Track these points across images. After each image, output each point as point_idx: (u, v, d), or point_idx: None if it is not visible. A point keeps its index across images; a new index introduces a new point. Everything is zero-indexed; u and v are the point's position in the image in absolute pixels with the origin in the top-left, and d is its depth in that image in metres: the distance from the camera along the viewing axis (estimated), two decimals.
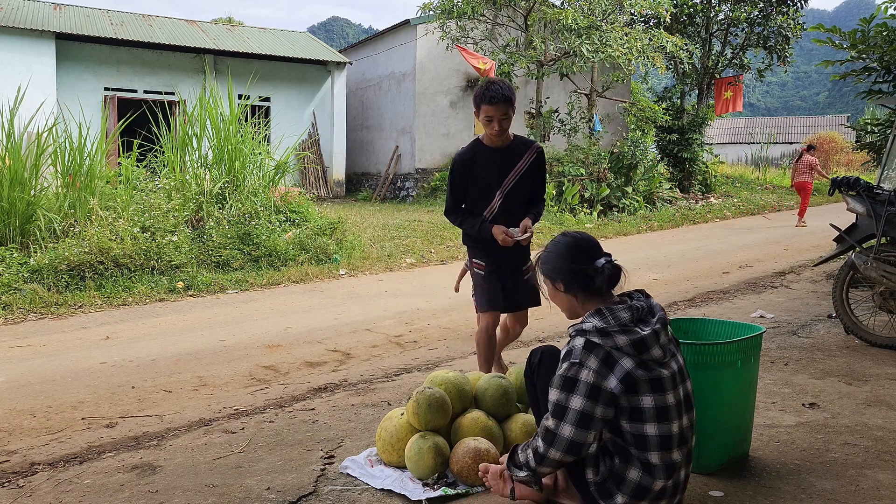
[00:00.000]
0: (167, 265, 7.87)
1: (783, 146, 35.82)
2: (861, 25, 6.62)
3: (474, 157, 3.77)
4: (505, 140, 3.73)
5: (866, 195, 4.92)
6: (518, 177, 3.75)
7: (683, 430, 2.24)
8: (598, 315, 2.23)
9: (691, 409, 2.31)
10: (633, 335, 2.17)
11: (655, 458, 2.18)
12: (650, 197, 15.32)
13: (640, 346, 2.17)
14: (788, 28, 19.28)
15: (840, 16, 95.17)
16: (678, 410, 2.22)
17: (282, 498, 2.66)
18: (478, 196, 3.79)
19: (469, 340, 5.45)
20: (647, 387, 2.16)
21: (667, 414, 2.18)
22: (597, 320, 2.22)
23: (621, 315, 2.21)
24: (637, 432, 2.18)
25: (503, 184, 3.74)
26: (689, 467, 2.33)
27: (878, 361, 4.49)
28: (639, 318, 2.24)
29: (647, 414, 2.17)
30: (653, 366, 2.19)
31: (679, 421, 2.22)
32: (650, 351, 2.19)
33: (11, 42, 15.22)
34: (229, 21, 30.48)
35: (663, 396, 2.18)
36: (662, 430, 2.17)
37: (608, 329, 2.18)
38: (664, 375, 2.20)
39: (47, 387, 4.49)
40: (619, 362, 2.16)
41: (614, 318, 2.21)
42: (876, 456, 2.98)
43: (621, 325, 2.19)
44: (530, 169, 3.78)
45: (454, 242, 10.87)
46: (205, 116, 9.83)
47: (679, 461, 2.23)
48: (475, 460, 2.65)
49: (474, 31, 15.99)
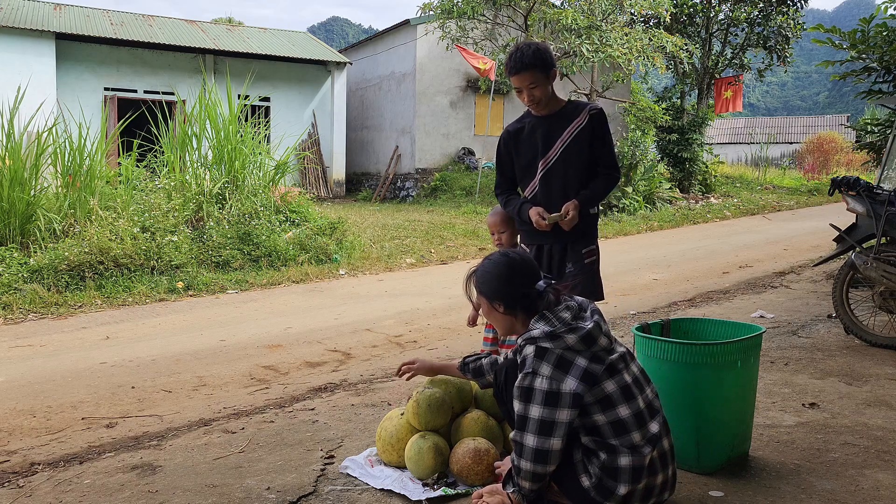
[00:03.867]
0: (167, 265, 7.87)
1: (783, 146, 35.82)
2: (861, 25, 6.61)
3: (521, 127, 3.38)
4: (553, 107, 3.30)
5: (866, 195, 4.91)
6: (564, 146, 3.26)
7: (651, 401, 2.33)
8: (544, 320, 2.28)
9: (649, 380, 2.40)
10: (579, 331, 2.22)
11: (637, 436, 2.23)
12: (650, 197, 15.31)
13: (588, 340, 2.22)
14: (788, 28, 19.29)
15: (840, 16, 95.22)
16: (638, 385, 2.30)
17: (282, 498, 2.66)
18: (523, 172, 3.40)
19: (470, 340, 5.44)
20: (606, 374, 2.22)
21: (630, 391, 2.25)
22: (543, 325, 2.26)
23: (564, 315, 2.27)
24: (613, 420, 2.22)
25: (546, 156, 3.29)
26: (670, 437, 2.38)
27: (878, 361, 4.49)
28: (576, 315, 2.30)
29: (616, 397, 2.22)
30: (603, 355, 2.24)
31: (643, 394, 2.30)
32: (597, 342, 2.24)
33: (11, 42, 15.22)
34: (229, 21, 30.47)
35: (622, 377, 2.25)
36: (633, 408, 2.24)
37: (556, 332, 2.22)
38: (615, 359, 2.26)
39: (47, 387, 4.49)
40: (574, 362, 2.20)
41: (558, 319, 2.26)
42: (876, 456, 2.97)
43: (566, 324, 2.24)
44: (581, 137, 3.25)
45: (454, 242, 10.87)
46: (204, 116, 9.83)
47: (658, 431, 2.28)
48: (475, 460, 2.65)
49: (474, 31, 15.99)
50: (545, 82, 3.21)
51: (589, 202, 3.29)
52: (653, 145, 17.38)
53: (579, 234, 3.32)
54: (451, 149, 19.26)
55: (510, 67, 3.19)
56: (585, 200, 3.26)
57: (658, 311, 6.44)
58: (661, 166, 16.88)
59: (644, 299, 6.99)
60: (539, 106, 3.28)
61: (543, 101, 3.26)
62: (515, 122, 3.46)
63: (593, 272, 3.37)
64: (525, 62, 3.14)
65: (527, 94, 3.23)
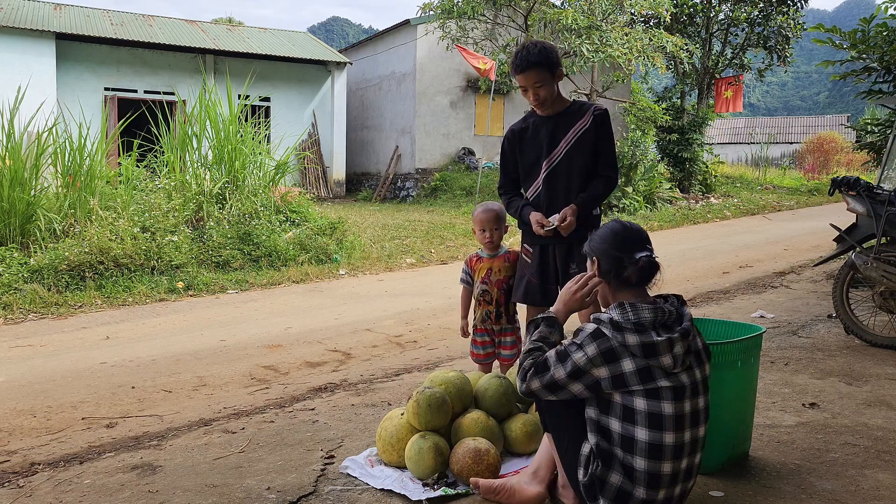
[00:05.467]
0: (167, 265, 7.87)
1: (783, 146, 35.81)
2: (861, 25, 6.61)
3: (525, 127, 3.37)
4: (558, 106, 3.29)
5: (866, 195, 4.91)
6: (568, 147, 3.25)
7: (683, 445, 2.15)
8: (619, 308, 2.20)
9: (698, 425, 2.21)
10: (645, 337, 2.12)
11: (640, 463, 2.13)
12: (650, 197, 15.30)
13: (648, 350, 2.12)
14: (788, 28, 19.29)
15: (840, 16, 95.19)
16: (677, 423, 2.14)
17: (282, 498, 2.66)
18: (526, 172, 3.38)
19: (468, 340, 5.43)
20: (642, 392, 2.13)
21: (660, 423, 2.12)
22: (615, 313, 2.19)
23: (643, 314, 2.16)
24: (626, 434, 2.15)
25: (550, 156, 3.27)
26: (690, 484, 2.25)
27: (878, 361, 4.49)
28: (663, 322, 2.18)
29: (639, 417, 2.13)
30: (658, 374, 2.12)
31: (677, 434, 2.14)
32: (659, 358, 2.12)
33: (11, 42, 15.22)
34: (229, 21, 30.48)
35: (659, 404, 2.12)
36: (653, 438, 2.12)
37: (622, 324, 2.15)
38: (665, 386, 2.13)
39: (47, 387, 4.49)
40: (619, 361, 2.13)
41: (635, 314, 2.16)
42: (876, 456, 2.97)
43: (638, 323, 2.15)
44: (585, 138, 3.25)
45: (454, 242, 10.87)
46: (205, 116, 9.83)
47: (669, 474, 2.14)
48: (475, 460, 2.65)
49: (474, 31, 15.99)
50: (551, 81, 3.20)
51: (587, 205, 3.28)
52: (653, 145, 17.38)
53: (583, 235, 3.30)
54: (452, 149, 19.26)
55: (516, 66, 3.17)
56: (583, 204, 3.25)
57: None
58: (661, 166, 16.88)
59: None
60: (544, 105, 3.26)
61: (549, 100, 3.25)
62: (520, 121, 3.45)
63: None
64: (531, 60, 3.13)
65: (532, 93, 3.21)
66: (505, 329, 3.60)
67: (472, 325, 3.70)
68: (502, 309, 3.56)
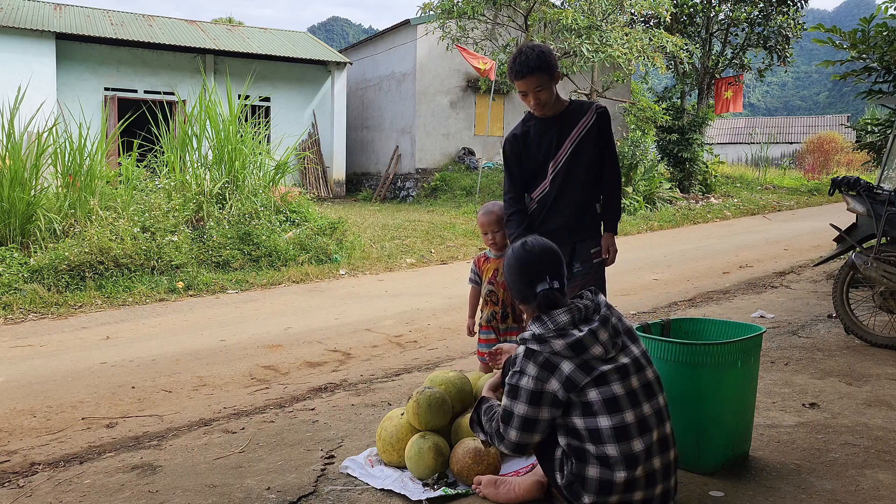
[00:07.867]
0: (167, 265, 7.87)
1: (783, 146, 35.82)
2: (861, 25, 6.61)
3: (527, 130, 3.36)
4: (557, 108, 3.30)
5: (866, 195, 4.91)
6: (573, 146, 3.27)
7: (646, 418, 2.23)
8: (538, 322, 2.30)
9: (654, 395, 2.29)
10: (568, 338, 2.22)
11: (612, 450, 2.19)
12: (650, 197, 15.30)
13: (577, 348, 2.21)
14: (788, 28, 19.29)
15: (840, 16, 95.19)
16: (632, 399, 2.21)
17: (282, 498, 2.66)
18: (533, 175, 3.37)
19: (470, 341, 5.44)
20: (592, 384, 2.20)
21: (617, 404, 2.19)
22: (536, 327, 2.29)
23: (560, 319, 2.26)
24: (591, 427, 2.21)
25: (556, 157, 3.28)
26: (669, 455, 2.28)
27: (878, 361, 4.49)
28: (582, 318, 2.29)
29: (597, 407, 2.20)
30: (595, 364, 2.21)
31: (635, 409, 2.21)
32: (589, 350, 2.21)
33: (11, 42, 15.22)
34: (229, 21, 30.47)
35: (609, 388, 2.20)
36: (615, 422, 2.18)
37: (545, 335, 2.24)
38: (608, 370, 2.21)
39: (47, 387, 4.49)
40: (559, 367, 2.21)
41: (553, 322, 2.27)
42: (876, 456, 2.97)
43: (558, 329, 2.24)
44: (588, 137, 3.28)
45: (454, 242, 10.87)
46: (205, 116, 9.83)
47: (642, 450, 2.19)
48: (475, 460, 2.65)
49: (474, 31, 15.98)
50: (550, 84, 3.21)
51: (616, 220, 3.42)
52: (653, 145, 17.37)
53: (588, 234, 3.37)
54: (452, 149, 19.26)
55: (515, 72, 3.17)
56: (615, 224, 3.41)
57: (658, 310, 6.44)
58: (662, 166, 16.88)
59: (644, 299, 6.98)
60: (545, 108, 3.27)
61: (549, 103, 3.26)
62: (519, 125, 3.45)
63: (601, 272, 3.42)
64: (531, 66, 3.13)
65: (533, 98, 3.22)
66: (511, 328, 3.62)
67: (478, 324, 3.72)
68: (508, 309, 3.58)
